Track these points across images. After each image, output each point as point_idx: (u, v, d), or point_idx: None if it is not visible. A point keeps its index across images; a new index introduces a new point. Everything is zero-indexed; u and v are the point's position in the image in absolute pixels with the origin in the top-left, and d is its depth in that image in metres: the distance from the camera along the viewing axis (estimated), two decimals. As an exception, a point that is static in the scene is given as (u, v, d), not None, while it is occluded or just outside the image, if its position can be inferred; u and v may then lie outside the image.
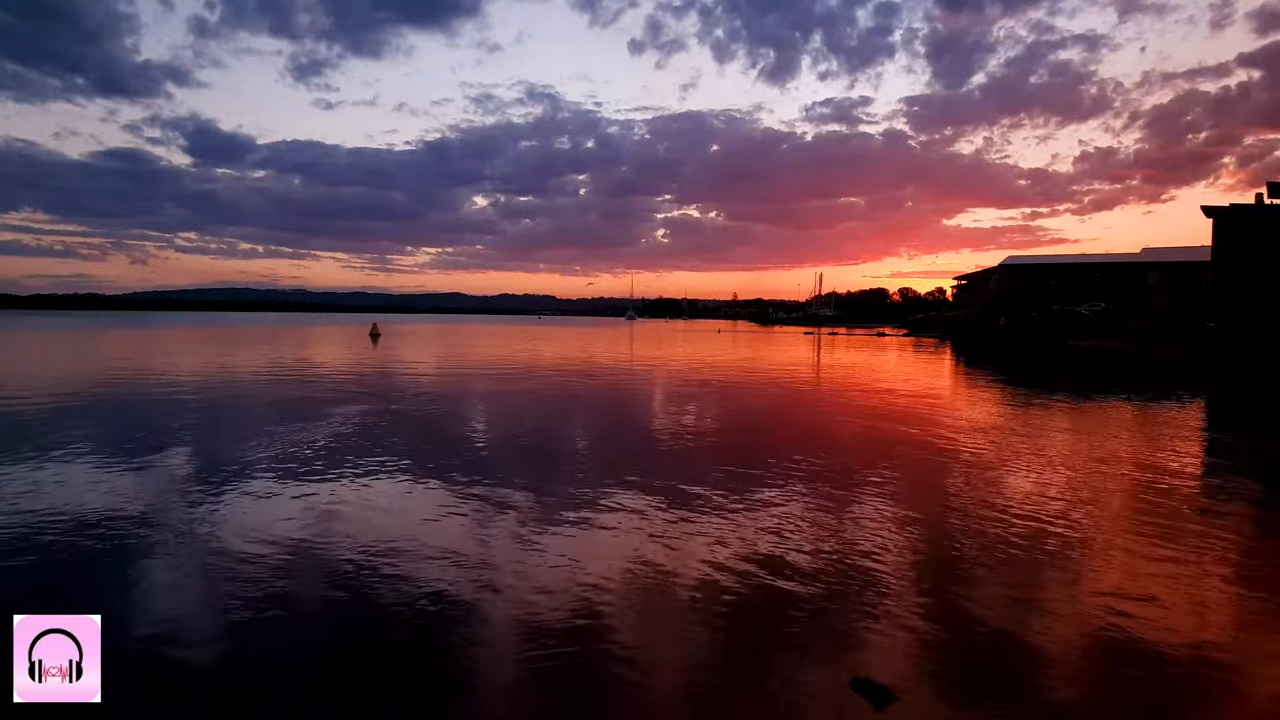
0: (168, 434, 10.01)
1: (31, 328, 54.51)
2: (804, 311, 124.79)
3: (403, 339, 44.20)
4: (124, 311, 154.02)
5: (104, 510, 6.20)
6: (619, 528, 5.97)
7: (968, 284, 69.38)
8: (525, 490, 7.16)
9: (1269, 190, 29.60)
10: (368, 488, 7.17)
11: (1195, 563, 5.27)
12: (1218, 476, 8.59)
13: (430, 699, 3.41)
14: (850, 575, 4.94)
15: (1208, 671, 3.71)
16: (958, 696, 3.44)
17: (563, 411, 13.66)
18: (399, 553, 5.27)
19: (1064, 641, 4.00)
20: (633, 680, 3.57)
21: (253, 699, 3.39)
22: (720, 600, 4.52)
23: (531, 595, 4.54)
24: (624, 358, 29.86)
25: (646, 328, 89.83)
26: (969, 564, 5.20)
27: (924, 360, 31.31)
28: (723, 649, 3.91)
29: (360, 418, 11.63)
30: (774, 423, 12.50)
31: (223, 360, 24.40)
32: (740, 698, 3.43)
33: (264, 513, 6.24)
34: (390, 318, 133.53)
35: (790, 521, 6.19)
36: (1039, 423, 12.42)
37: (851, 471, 8.20)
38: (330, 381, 17.89)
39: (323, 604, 4.41)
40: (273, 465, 8.05)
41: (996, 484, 7.65)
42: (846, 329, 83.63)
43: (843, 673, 3.60)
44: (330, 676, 3.61)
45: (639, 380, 20.12)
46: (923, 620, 4.24)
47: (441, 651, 3.82)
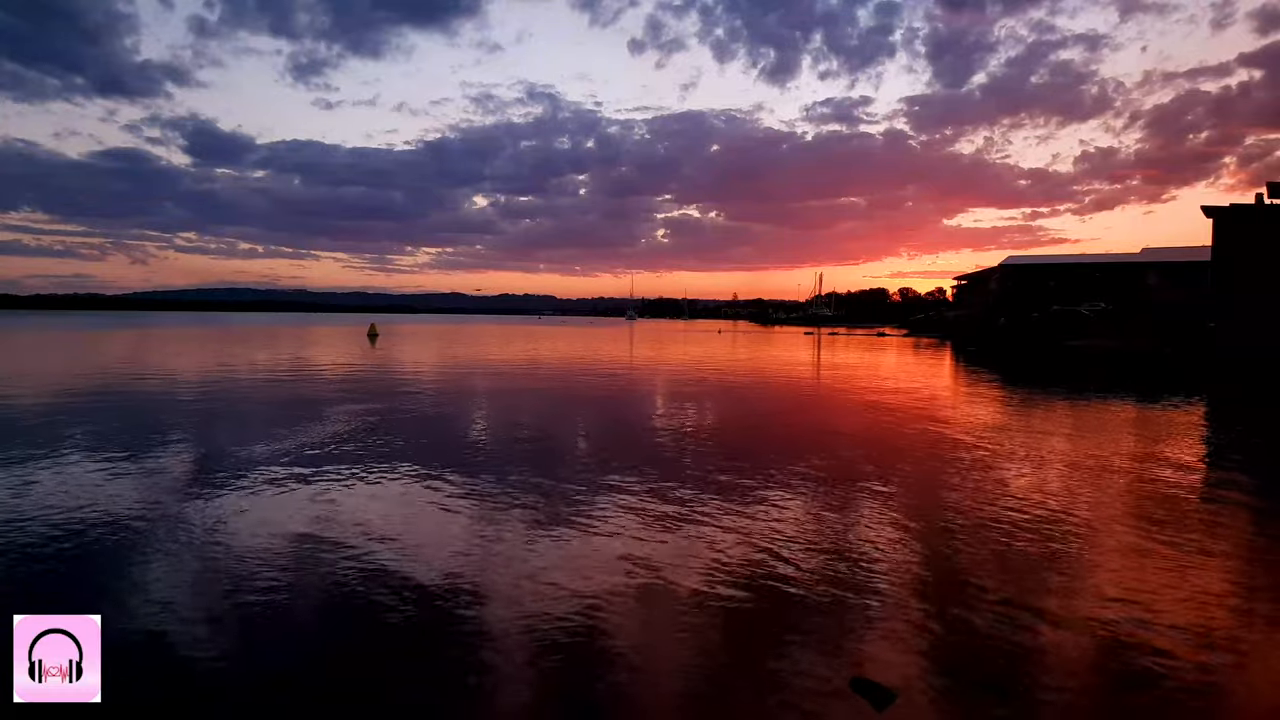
0: (167, 433, 10.01)
1: (34, 328, 54.50)
2: (804, 311, 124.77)
3: (401, 339, 44.22)
4: (124, 312, 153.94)
5: (104, 509, 6.20)
6: (619, 527, 5.97)
7: (968, 284, 69.31)
8: (524, 489, 7.15)
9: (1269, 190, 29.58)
10: (367, 487, 7.17)
11: (1196, 562, 5.27)
12: (1218, 475, 8.58)
13: (430, 699, 3.41)
14: (850, 575, 4.94)
15: (1209, 671, 3.70)
16: (958, 696, 3.44)
17: (563, 412, 13.66)
18: (399, 552, 5.27)
19: (1064, 641, 4.00)
20: (632, 680, 3.57)
21: (253, 699, 3.39)
22: (720, 600, 4.51)
23: (531, 594, 4.54)
24: (624, 358, 29.85)
25: (646, 328, 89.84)
26: (969, 564, 5.20)
27: (924, 360, 31.31)
28: (722, 649, 3.91)
29: (357, 417, 11.63)
30: (774, 423, 12.50)
31: (221, 360, 24.40)
32: (740, 697, 3.43)
33: (263, 512, 6.24)
34: (390, 318, 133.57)
35: (790, 521, 6.18)
36: (1039, 423, 12.42)
37: (852, 471, 8.19)
38: (327, 381, 17.90)
39: (323, 603, 4.41)
40: (271, 464, 8.05)
41: (997, 484, 7.65)
42: (846, 329, 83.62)
43: (843, 673, 3.60)
44: (330, 676, 3.61)
45: (639, 380, 20.12)
46: (923, 620, 4.23)
47: (442, 651, 3.82)
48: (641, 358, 30.11)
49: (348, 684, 3.53)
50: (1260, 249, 27.74)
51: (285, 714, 3.30)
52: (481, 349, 34.80)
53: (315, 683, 3.55)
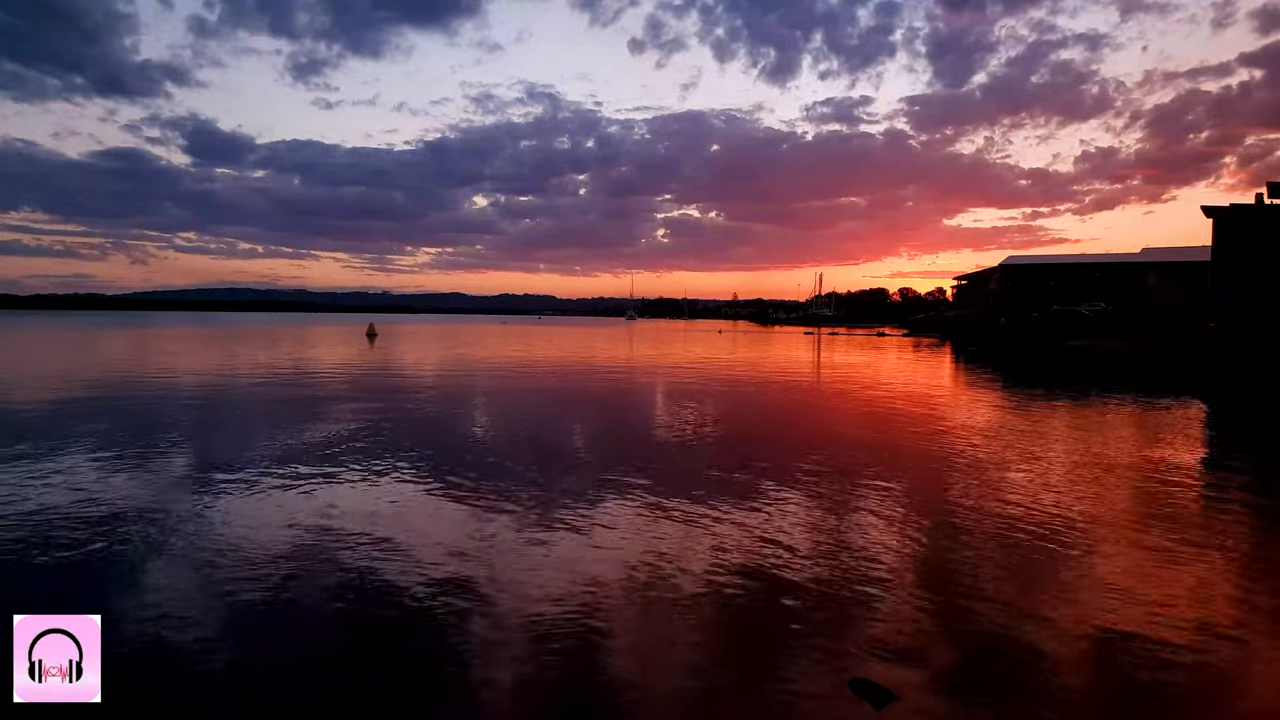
0: (166, 433, 10.00)
1: (35, 328, 54.49)
2: (804, 311, 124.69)
3: (399, 339, 44.22)
4: (124, 312, 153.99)
5: (103, 509, 6.20)
6: (619, 527, 5.97)
7: (968, 284, 69.31)
8: (524, 489, 7.15)
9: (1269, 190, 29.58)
10: (366, 486, 7.17)
11: (1197, 562, 5.27)
12: (1218, 474, 8.58)
13: (430, 698, 3.41)
14: (850, 575, 4.94)
15: (1210, 671, 3.70)
16: (958, 696, 3.44)
17: (563, 412, 13.66)
18: (399, 552, 5.27)
19: (1065, 641, 4.00)
20: (632, 680, 3.57)
21: (253, 699, 3.39)
22: (720, 600, 4.51)
23: (531, 594, 4.54)
24: (624, 358, 29.84)
25: (646, 328, 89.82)
26: (969, 563, 5.19)
27: (924, 360, 31.31)
28: (722, 649, 3.91)
29: (353, 417, 11.63)
30: (775, 423, 12.50)
31: (220, 361, 24.41)
32: (740, 697, 3.43)
33: (263, 511, 6.24)
34: (390, 318, 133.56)
35: (791, 521, 6.18)
36: (1039, 422, 12.42)
37: (852, 471, 8.19)
38: (326, 380, 17.89)
39: (323, 603, 4.41)
40: (270, 464, 8.05)
41: (997, 484, 7.65)
42: (846, 329, 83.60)
43: (843, 673, 3.60)
44: (331, 676, 3.61)
45: (639, 380, 20.11)
46: (923, 620, 4.23)
47: (442, 651, 3.82)
48: (642, 357, 30.10)
49: (348, 684, 3.53)
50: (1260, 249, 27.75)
51: (285, 714, 3.30)
52: (481, 349, 34.80)
53: (316, 682, 3.55)
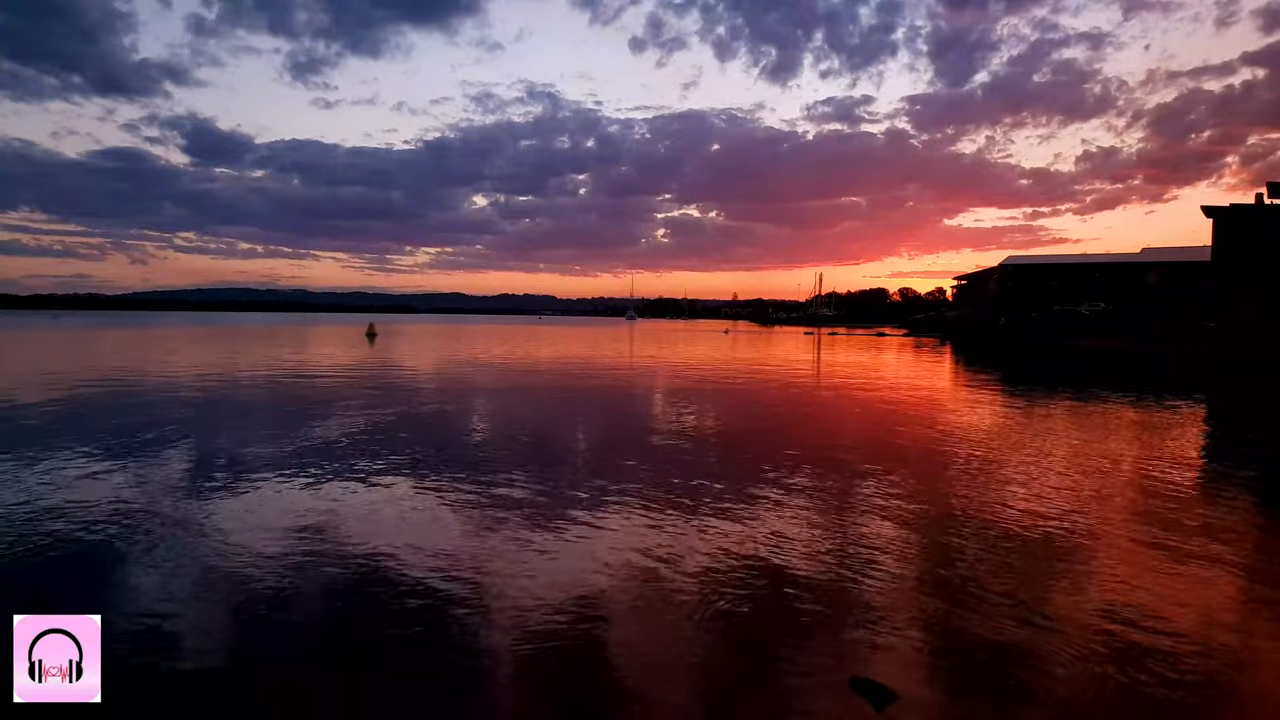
0: (166, 433, 10.00)
1: (36, 328, 54.46)
2: (804, 311, 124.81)
3: (399, 339, 44.22)
4: (124, 312, 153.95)
5: (104, 509, 6.19)
6: (619, 526, 5.96)
7: (968, 284, 69.38)
8: (524, 488, 7.14)
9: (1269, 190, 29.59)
10: (365, 486, 7.16)
11: (1197, 561, 5.27)
12: (1218, 475, 8.58)
13: (432, 699, 3.40)
14: (851, 575, 4.94)
15: (1210, 672, 3.70)
16: (958, 697, 3.44)
17: (563, 412, 13.65)
18: (399, 551, 5.27)
19: (1065, 641, 3.99)
20: (633, 680, 3.57)
21: (253, 699, 3.39)
22: (720, 599, 4.51)
23: (531, 594, 4.53)
24: (624, 358, 29.84)
25: (646, 328, 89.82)
26: (970, 564, 5.19)
27: (924, 360, 31.31)
28: (723, 648, 3.91)
29: (353, 416, 11.63)
30: (775, 423, 12.49)
31: (219, 361, 24.40)
32: (740, 697, 3.43)
33: (263, 512, 6.23)
34: (390, 318, 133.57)
35: (791, 521, 6.18)
36: (1039, 423, 12.42)
37: (852, 471, 8.19)
38: (326, 380, 17.89)
39: (323, 603, 4.41)
40: (269, 464, 8.04)
41: (997, 484, 7.65)
42: (846, 329, 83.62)
43: (843, 673, 3.60)
44: (330, 675, 3.61)
45: (639, 380, 20.11)
46: (923, 620, 4.23)
47: (442, 651, 3.82)
48: (642, 357, 30.10)
49: (348, 683, 3.53)
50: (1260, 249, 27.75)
51: (286, 714, 3.30)
52: (480, 349, 34.79)
53: (316, 682, 3.55)
